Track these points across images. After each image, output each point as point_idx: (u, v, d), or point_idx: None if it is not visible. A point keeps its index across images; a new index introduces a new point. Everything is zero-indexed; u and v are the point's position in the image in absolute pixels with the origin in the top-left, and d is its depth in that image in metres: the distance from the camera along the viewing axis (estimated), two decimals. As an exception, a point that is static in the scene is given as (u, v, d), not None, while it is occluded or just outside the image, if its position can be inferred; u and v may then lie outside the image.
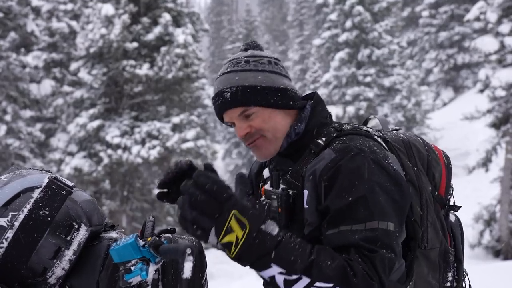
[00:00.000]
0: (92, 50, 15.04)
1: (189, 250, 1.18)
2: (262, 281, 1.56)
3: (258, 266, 1.35)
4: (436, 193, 1.76)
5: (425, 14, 27.54)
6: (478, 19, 13.63)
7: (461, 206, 1.84)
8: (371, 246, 1.39)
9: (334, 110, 18.55)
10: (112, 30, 14.61)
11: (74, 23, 17.03)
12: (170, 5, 15.76)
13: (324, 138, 1.61)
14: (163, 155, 14.79)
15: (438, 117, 23.07)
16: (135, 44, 14.93)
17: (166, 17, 15.20)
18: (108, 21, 14.68)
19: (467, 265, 1.99)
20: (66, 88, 16.53)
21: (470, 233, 11.94)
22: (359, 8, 18.91)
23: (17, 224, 1.32)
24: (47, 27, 17.16)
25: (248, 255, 1.32)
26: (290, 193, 1.60)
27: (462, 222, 1.91)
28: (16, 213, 1.33)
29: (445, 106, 26.98)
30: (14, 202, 1.34)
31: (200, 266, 1.43)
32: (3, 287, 1.32)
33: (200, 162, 15.95)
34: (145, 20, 15.24)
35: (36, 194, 1.36)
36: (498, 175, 12.48)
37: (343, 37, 19.25)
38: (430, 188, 1.73)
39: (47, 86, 16.11)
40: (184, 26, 15.96)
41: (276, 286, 1.36)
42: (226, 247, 1.31)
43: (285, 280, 1.34)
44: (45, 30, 17.16)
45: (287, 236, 1.37)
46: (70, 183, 1.44)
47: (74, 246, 1.39)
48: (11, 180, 1.40)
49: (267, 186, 1.75)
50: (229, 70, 1.64)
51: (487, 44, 12.02)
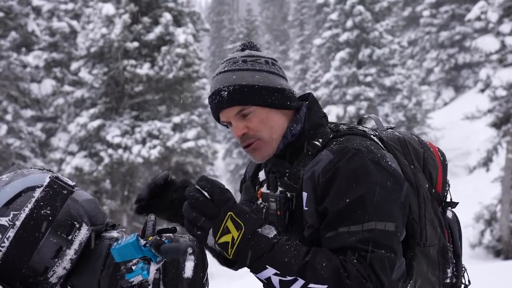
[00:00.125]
0: (92, 50, 15.05)
1: (190, 250, 1.18)
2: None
3: (254, 267, 1.37)
4: (433, 190, 1.76)
5: (426, 13, 27.53)
6: (479, 19, 13.62)
7: (458, 203, 1.84)
8: (368, 247, 1.40)
9: (335, 110, 18.54)
10: (112, 30, 14.61)
11: (74, 23, 17.05)
12: (171, 4, 15.76)
13: (320, 139, 1.61)
14: (164, 155, 14.79)
15: (439, 116, 23.05)
16: (136, 43, 14.93)
17: (167, 16, 15.20)
18: (108, 20, 14.69)
19: (468, 264, 1.99)
20: (67, 87, 16.55)
21: (471, 232, 11.92)
22: (360, 7, 18.90)
23: (18, 223, 1.32)
24: (48, 27, 17.17)
25: (243, 256, 1.34)
26: (289, 195, 1.59)
27: (463, 222, 1.91)
28: (17, 212, 1.33)
29: (446, 105, 26.97)
30: (15, 202, 1.34)
31: (201, 265, 1.43)
32: (5, 286, 1.32)
33: (200, 161, 15.97)
34: (145, 19, 15.24)
35: (37, 193, 1.36)
36: (499, 175, 12.47)
37: (344, 36, 19.24)
38: (427, 185, 1.73)
39: (48, 85, 16.11)
40: (184, 26, 15.96)
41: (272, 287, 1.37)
42: (223, 248, 1.34)
43: (280, 281, 1.35)
44: (45, 30, 17.16)
45: (283, 239, 1.38)
46: (71, 183, 1.44)
47: (75, 245, 1.39)
48: (13, 179, 1.40)
49: (264, 189, 1.75)
50: (226, 69, 1.63)
51: (488, 43, 12.02)
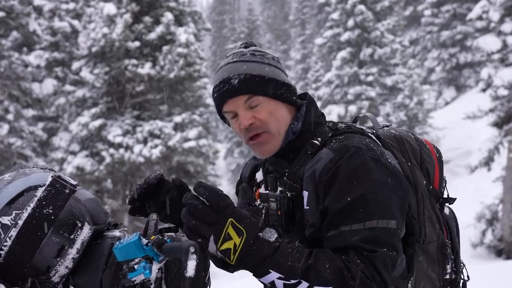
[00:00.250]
0: (94, 49, 15.06)
1: (192, 249, 1.18)
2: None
3: (258, 272, 1.36)
4: (430, 187, 1.77)
5: (427, 13, 27.49)
6: (480, 18, 13.60)
7: (455, 198, 1.83)
8: (371, 246, 1.39)
9: (336, 110, 18.54)
10: (114, 29, 14.62)
11: (76, 22, 17.04)
12: (172, 4, 15.76)
13: (319, 138, 1.61)
14: (165, 154, 14.80)
15: (440, 116, 23.02)
16: (137, 43, 14.93)
17: (168, 16, 15.20)
18: (110, 20, 14.69)
19: (469, 264, 1.99)
20: (68, 87, 16.55)
21: (472, 232, 11.89)
22: (361, 7, 18.89)
23: (20, 222, 1.32)
24: (49, 26, 17.17)
25: (246, 262, 1.34)
26: (289, 195, 1.59)
27: (464, 222, 1.92)
28: (20, 211, 1.33)
29: (447, 105, 26.93)
30: (17, 201, 1.35)
31: (203, 264, 1.43)
32: (7, 286, 1.32)
33: (202, 161, 15.97)
34: (147, 19, 15.24)
35: (39, 192, 1.36)
36: (500, 175, 12.46)
37: (345, 36, 19.23)
38: (424, 182, 1.73)
39: (49, 85, 16.12)
40: (186, 25, 15.96)
41: None
42: (225, 254, 1.33)
43: (284, 284, 1.35)
44: (47, 29, 17.16)
45: (285, 242, 1.37)
46: (73, 182, 1.44)
47: (78, 244, 1.40)
48: (15, 178, 1.40)
49: (262, 190, 1.75)
50: (235, 60, 1.63)
51: (490, 43, 12.01)
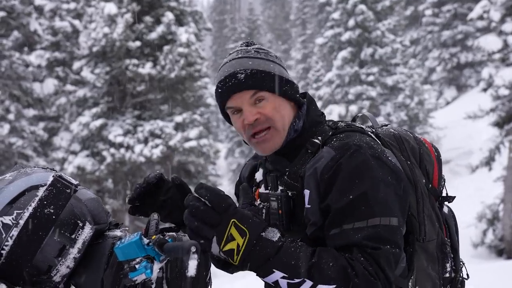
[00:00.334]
0: (95, 49, 15.06)
1: (193, 248, 1.18)
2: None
3: (261, 272, 1.36)
4: (430, 185, 1.78)
5: (428, 12, 27.49)
6: (481, 18, 13.59)
7: (455, 197, 1.84)
8: (374, 243, 1.40)
9: (337, 109, 18.54)
10: (115, 29, 14.62)
11: (77, 22, 17.05)
12: (173, 4, 15.76)
13: (320, 137, 1.62)
14: (166, 154, 14.80)
15: (441, 116, 23.02)
16: (138, 43, 14.94)
17: (169, 16, 15.20)
18: (111, 20, 14.70)
19: (470, 264, 1.99)
20: (69, 87, 16.56)
21: (473, 232, 11.88)
22: (362, 7, 18.88)
23: (22, 222, 1.32)
24: (50, 26, 17.18)
25: (250, 262, 1.34)
26: (290, 194, 1.60)
27: (465, 222, 1.92)
28: (21, 211, 1.33)
29: (448, 105, 26.92)
30: (19, 200, 1.34)
31: (204, 264, 1.43)
32: (8, 285, 1.32)
33: (202, 161, 15.97)
34: (148, 19, 15.24)
35: (41, 192, 1.36)
36: (501, 174, 12.46)
37: (346, 36, 19.22)
38: (424, 180, 1.74)
39: (50, 85, 16.12)
40: (187, 25, 15.96)
41: None
42: (228, 255, 1.33)
43: (288, 284, 1.35)
44: (48, 29, 17.17)
45: (288, 241, 1.38)
46: (74, 182, 1.44)
47: (79, 244, 1.40)
48: (16, 178, 1.40)
49: (262, 189, 1.76)
50: (240, 56, 1.64)
51: (491, 42, 12.00)
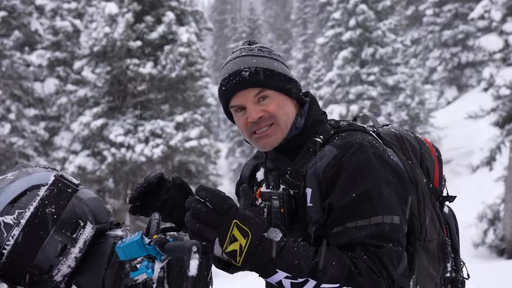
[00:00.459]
0: (95, 49, 15.06)
1: (195, 248, 1.18)
2: (264, 281, 1.56)
3: (265, 272, 1.36)
4: (430, 185, 1.78)
5: (429, 12, 27.47)
6: (482, 18, 13.57)
7: (455, 196, 1.85)
8: (377, 241, 1.40)
9: (338, 109, 18.53)
10: (115, 29, 14.62)
11: (78, 22, 17.05)
12: (174, 3, 15.76)
13: (321, 136, 1.62)
14: (167, 154, 14.80)
15: (442, 115, 23.00)
16: (139, 42, 14.94)
17: (170, 15, 15.20)
18: (111, 19, 14.70)
19: (471, 264, 1.99)
20: (70, 86, 16.56)
21: (474, 232, 11.87)
22: (363, 6, 18.87)
23: (23, 221, 1.32)
24: (51, 26, 17.18)
25: (253, 262, 1.34)
26: (292, 192, 1.60)
27: (466, 221, 1.92)
28: (22, 210, 1.33)
29: (449, 104, 26.90)
30: (20, 200, 1.35)
31: (205, 264, 1.43)
32: (10, 285, 1.32)
33: (203, 160, 15.98)
34: (148, 18, 15.24)
35: (42, 192, 1.36)
36: (502, 174, 12.45)
37: (347, 35, 19.21)
38: (424, 180, 1.74)
39: (51, 84, 16.12)
40: (187, 25, 15.96)
41: None
42: (231, 256, 1.33)
43: (291, 283, 1.35)
44: (49, 29, 17.17)
45: (291, 241, 1.38)
46: (76, 181, 1.44)
47: (80, 243, 1.40)
48: (17, 178, 1.41)
49: (263, 189, 1.76)
50: (244, 54, 1.65)
51: (491, 42, 11.99)
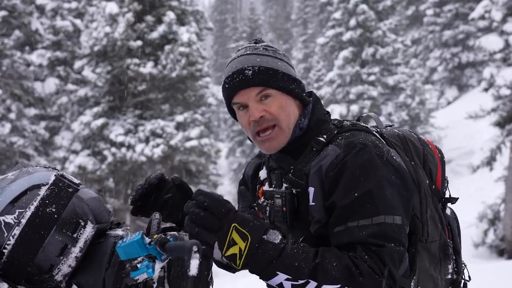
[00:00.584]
0: (96, 49, 15.07)
1: (195, 248, 1.18)
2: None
3: (265, 275, 1.36)
4: (433, 186, 1.78)
5: (429, 12, 27.46)
6: (482, 18, 13.57)
7: (458, 198, 1.85)
8: (379, 241, 1.40)
9: (338, 109, 18.53)
10: (116, 29, 14.63)
11: (78, 22, 17.05)
12: (174, 3, 15.76)
13: (325, 136, 1.62)
14: (167, 154, 14.81)
15: (442, 116, 22.99)
16: (139, 42, 14.94)
17: (170, 15, 15.20)
18: (112, 19, 14.70)
19: (471, 264, 1.99)
20: (70, 86, 16.56)
21: (474, 232, 11.87)
22: (363, 6, 18.86)
23: (24, 221, 1.32)
24: (52, 26, 17.18)
25: (253, 266, 1.34)
26: (294, 191, 1.60)
27: (466, 221, 1.92)
28: (23, 210, 1.33)
29: (449, 104, 26.89)
30: (21, 200, 1.35)
31: (206, 263, 1.43)
32: (10, 284, 1.32)
33: (203, 160, 15.97)
34: (149, 18, 15.25)
35: (42, 191, 1.36)
36: (502, 174, 12.44)
37: (347, 35, 19.21)
38: (427, 181, 1.74)
39: (51, 84, 16.13)
40: (188, 25, 15.96)
41: None
42: (231, 260, 1.33)
43: (292, 285, 1.35)
44: (49, 29, 17.17)
45: (290, 242, 1.38)
46: (76, 181, 1.44)
47: (81, 243, 1.40)
48: (18, 177, 1.41)
49: (266, 187, 1.76)
50: (248, 52, 1.65)
51: (492, 42, 11.99)
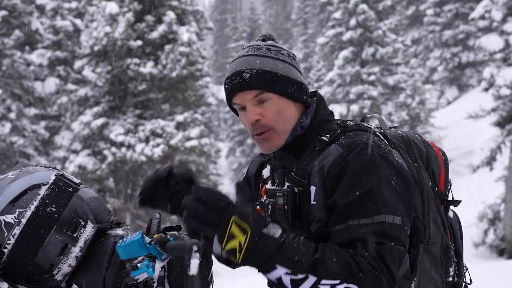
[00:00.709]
0: (96, 48, 15.06)
1: (195, 247, 1.18)
2: (266, 280, 1.56)
3: (264, 268, 1.35)
4: (436, 188, 1.77)
5: (429, 12, 27.45)
6: (483, 18, 13.56)
7: (460, 201, 1.84)
8: (379, 239, 1.40)
9: (338, 109, 18.53)
10: (116, 28, 14.62)
11: (78, 21, 17.04)
12: (175, 3, 15.75)
13: (328, 135, 1.62)
14: (167, 153, 14.80)
15: (443, 115, 22.99)
16: (139, 42, 14.93)
17: (171, 15, 15.19)
18: (112, 19, 14.69)
19: (471, 264, 1.99)
20: (70, 86, 16.55)
21: (474, 232, 11.87)
22: (364, 6, 18.86)
23: (24, 221, 1.32)
24: (52, 25, 17.17)
25: (253, 259, 1.33)
26: (296, 190, 1.60)
27: (466, 221, 1.92)
28: (23, 210, 1.33)
29: (449, 104, 26.89)
30: (21, 199, 1.35)
31: (206, 263, 1.43)
32: (10, 284, 1.32)
33: (204, 160, 15.98)
34: (149, 18, 15.24)
35: (43, 191, 1.36)
36: (502, 174, 12.44)
37: (347, 35, 19.21)
38: (430, 183, 1.73)
39: (52, 84, 16.12)
40: (188, 24, 15.96)
41: (283, 287, 1.36)
42: (230, 254, 1.32)
43: (291, 280, 1.34)
44: (49, 28, 17.17)
45: (290, 236, 1.37)
46: (76, 180, 1.44)
47: (81, 243, 1.40)
48: (18, 177, 1.41)
49: (269, 186, 1.76)
50: (249, 53, 1.64)
51: (492, 42, 11.99)
